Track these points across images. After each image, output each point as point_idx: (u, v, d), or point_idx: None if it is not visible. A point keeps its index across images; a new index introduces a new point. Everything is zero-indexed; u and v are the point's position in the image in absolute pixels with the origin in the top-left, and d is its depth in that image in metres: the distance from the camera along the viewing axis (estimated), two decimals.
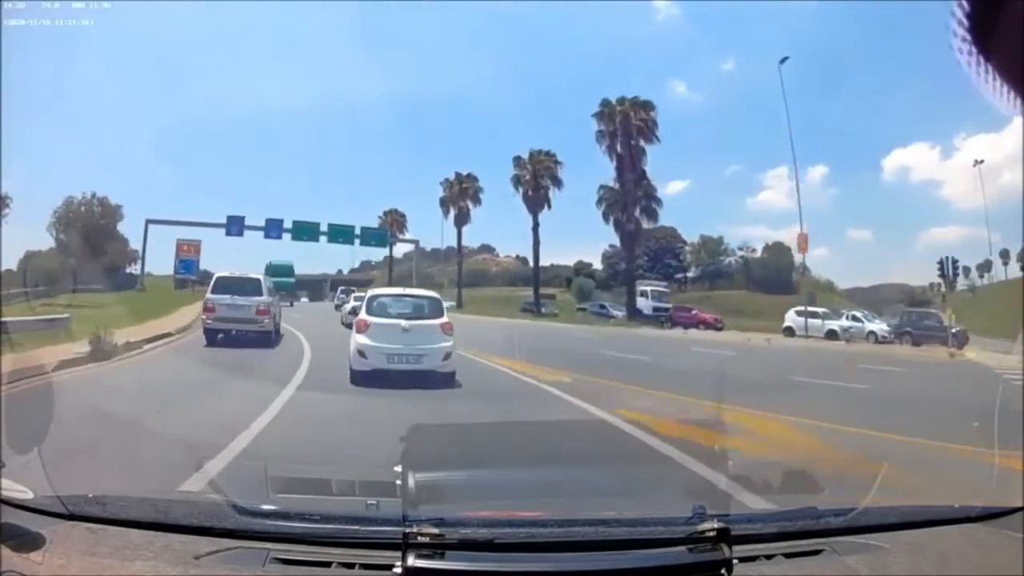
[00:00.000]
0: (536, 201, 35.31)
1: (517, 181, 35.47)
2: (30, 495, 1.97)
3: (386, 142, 43.06)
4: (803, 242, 31.18)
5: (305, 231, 30.86)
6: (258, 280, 16.27)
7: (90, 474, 4.31)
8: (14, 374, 7.21)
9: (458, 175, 36.85)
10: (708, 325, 30.68)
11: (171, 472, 4.31)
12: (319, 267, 39.94)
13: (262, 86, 41.04)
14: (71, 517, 1.91)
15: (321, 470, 3.99)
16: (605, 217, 34.64)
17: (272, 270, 29.42)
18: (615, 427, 7.35)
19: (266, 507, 2.02)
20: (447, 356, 10.45)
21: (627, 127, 33.46)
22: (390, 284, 24.53)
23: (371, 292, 12.04)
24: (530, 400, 9.85)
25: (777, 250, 37.05)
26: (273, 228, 30.44)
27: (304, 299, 37.59)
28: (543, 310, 35.17)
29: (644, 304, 33.69)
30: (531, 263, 37.84)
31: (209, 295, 15.64)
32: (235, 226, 30.18)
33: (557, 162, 35.50)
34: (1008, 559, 1.97)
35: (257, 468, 3.49)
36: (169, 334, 16.16)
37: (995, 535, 2.16)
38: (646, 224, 34.84)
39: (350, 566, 1.75)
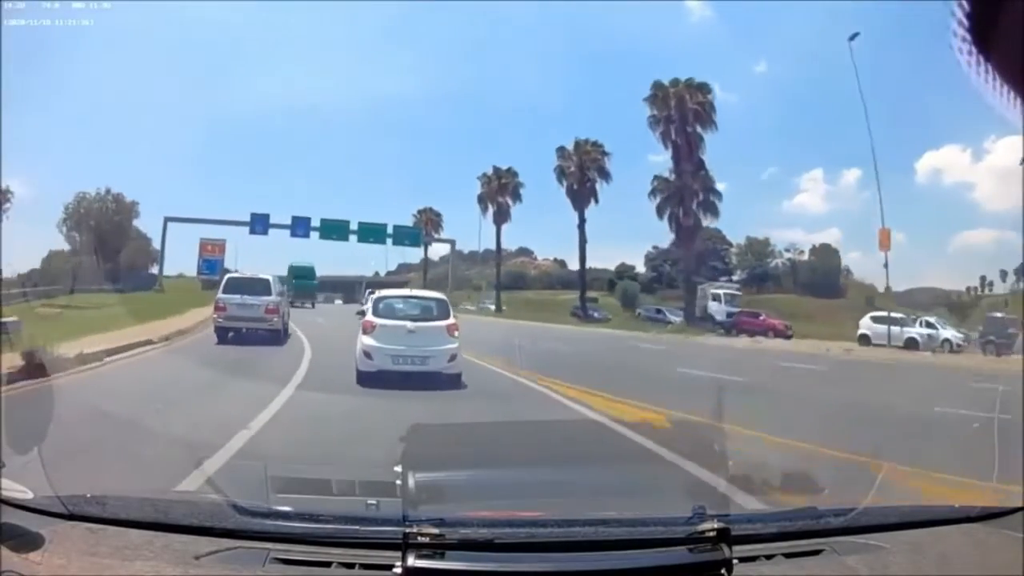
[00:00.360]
0: (582, 195, 32.39)
1: (561, 173, 32.73)
2: (30, 495, 1.97)
3: (421, 140, 42.02)
4: (885, 238, 27.43)
5: (334, 229, 29.32)
6: (267, 280, 16.71)
7: None
8: None
9: (496, 170, 34.76)
10: (778, 332, 27.91)
11: None
12: (356, 269, 38.34)
13: (293, 81, 39.32)
14: (71, 517, 1.91)
15: (321, 470, 3.98)
16: (659, 211, 31.54)
17: (294, 271, 29.15)
18: (613, 428, 7.29)
19: (266, 507, 2.01)
20: (453, 357, 10.51)
21: (683, 111, 30.66)
22: (425, 287, 23.73)
23: (378, 294, 12.15)
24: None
25: (824, 252, 34.52)
26: (300, 226, 28.97)
27: (338, 301, 36.25)
28: (595, 315, 32.94)
29: (717, 309, 30.62)
30: (570, 266, 35.54)
31: (220, 295, 16.00)
32: (259, 224, 28.82)
33: (604, 153, 32.55)
34: (1008, 559, 1.96)
35: (257, 468, 3.48)
36: (149, 341, 14.05)
37: (995, 535, 2.16)
38: (705, 220, 31.78)
39: (350, 566, 1.75)
